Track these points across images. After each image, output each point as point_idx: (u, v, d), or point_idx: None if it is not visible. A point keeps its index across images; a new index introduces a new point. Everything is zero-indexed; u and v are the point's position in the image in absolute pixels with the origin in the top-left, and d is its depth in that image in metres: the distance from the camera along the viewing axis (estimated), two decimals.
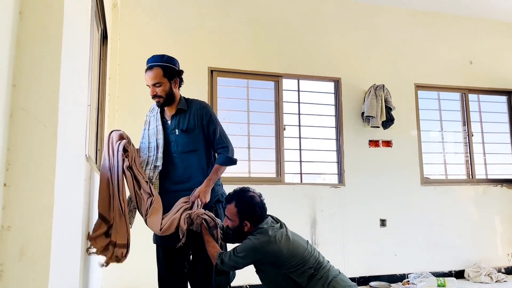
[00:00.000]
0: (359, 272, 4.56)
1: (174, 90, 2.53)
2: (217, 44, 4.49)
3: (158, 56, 2.52)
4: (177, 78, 2.55)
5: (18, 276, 1.02)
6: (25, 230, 1.03)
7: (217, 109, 4.41)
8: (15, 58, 1.07)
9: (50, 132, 1.09)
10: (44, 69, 1.10)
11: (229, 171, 4.41)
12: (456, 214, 5.00)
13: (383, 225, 4.74)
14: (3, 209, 1.02)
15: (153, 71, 2.47)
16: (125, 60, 4.10)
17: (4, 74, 1.01)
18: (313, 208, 4.53)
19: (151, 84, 2.48)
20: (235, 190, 2.49)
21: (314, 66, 4.80)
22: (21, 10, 1.09)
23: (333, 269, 2.43)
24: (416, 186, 4.94)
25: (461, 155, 5.38)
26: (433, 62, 5.27)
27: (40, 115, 1.08)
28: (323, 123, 4.89)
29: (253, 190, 2.49)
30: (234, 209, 2.38)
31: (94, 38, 2.85)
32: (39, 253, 1.04)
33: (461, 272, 4.88)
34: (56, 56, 1.12)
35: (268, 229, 2.34)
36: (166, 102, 2.52)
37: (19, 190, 1.04)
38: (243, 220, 2.38)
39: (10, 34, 1.04)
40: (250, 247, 2.28)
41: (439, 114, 5.37)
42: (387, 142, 4.93)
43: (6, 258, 1.02)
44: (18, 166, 1.04)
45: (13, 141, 1.04)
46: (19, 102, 1.06)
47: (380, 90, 4.73)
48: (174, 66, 2.53)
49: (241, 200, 2.40)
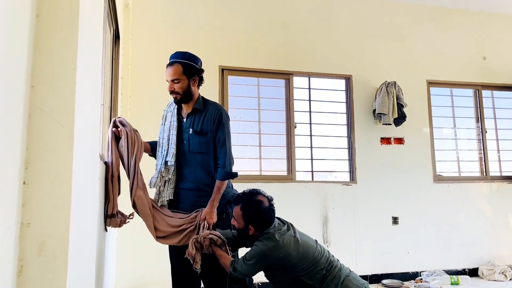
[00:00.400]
0: (371, 270, 4.55)
1: (192, 88, 2.52)
2: (228, 43, 4.51)
3: (181, 52, 2.53)
4: (196, 76, 2.53)
5: (37, 272, 1.05)
6: (44, 227, 1.07)
7: (228, 107, 4.43)
8: (33, 60, 1.10)
9: (67, 132, 1.12)
10: (60, 70, 1.13)
11: (240, 169, 4.45)
12: (470, 212, 4.96)
13: (395, 223, 4.72)
14: (22, 207, 1.05)
15: (173, 67, 2.47)
16: (137, 59, 4.14)
17: (23, 76, 1.04)
18: (324, 206, 4.53)
19: (169, 80, 2.48)
20: (244, 192, 2.44)
21: (325, 64, 4.80)
22: (38, 13, 1.12)
23: (344, 267, 2.39)
24: (428, 183, 4.91)
25: (475, 152, 5.32)
26: (446, 58, 5.22)
27: (57, 115, 1.11)
28: (334, 120, 4.88)
29: (263, 193, 2.43)
30: (239, 211, 2.35)
31: (106, 38, 2.89)
32: (58, 249, 1.07)
33: (475, 270, 4.83)
34: (72, 57, 1.15)
35: (274, 233, 2.29)
36: (183, 99, 2.51)
37: (38, 188, 1.07)
38: (247, 224, 2.33)
39: (28, 37, 1.07)
40: (259, 254, 2.24)
41: (452, 110, 5.32)
42: (399, 140, 4.90)
43: (26, 254, 1.05)
44: (36, 165, 1.08)
45: (32, 140, 1.08)
46: (37, 102, 1.09)
47: (392, 87, 4.71)
48: (195, 64, 2.52)
49: (247, 203, 2.36)
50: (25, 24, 1.05)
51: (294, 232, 2.39)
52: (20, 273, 1.04)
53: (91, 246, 1.66)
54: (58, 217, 1.08)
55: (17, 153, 1.01)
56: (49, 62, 1.12)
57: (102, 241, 2.23)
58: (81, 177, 1.28)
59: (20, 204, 1.05)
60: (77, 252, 1.23)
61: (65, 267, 1.08)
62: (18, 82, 1.01)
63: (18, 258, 1.04)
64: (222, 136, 2.50)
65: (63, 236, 1.08)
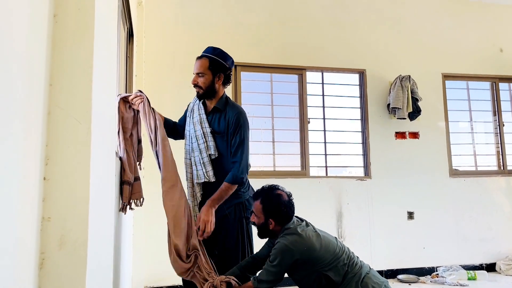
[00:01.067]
0: (386, 265, 4.53)
1: (216, 85, 2.46)
2: (241, 39, 4.53)
3: (212, 47, 2.50)
4: (222, 74, 2.47)
5: (58, 264, 1.09)
6: (64, 221, 1.10)
7: (241, 103, 4.45)
8: (51, 59, 1.13)
9: (85, 129, 1.16)
10: (77, 69, 1.16)
11: (254, 165, 4.46)
12: (487, 206, 4.90)
13: (411, 218, 4.69)
14: (43, 201, 1.09)
15: (200, 60, 2.46)
16: (150, 57, 4.19)
17: (42, 74, 1.07)
18: (339, 201, 4.52)
19: (195, 73, 2.46)
20: (264, 186, 2.45)
21: (338, 58, 4.77)
22: (55, 13, 1.15)
23: (364, 265, 2.38)
24: (444, 178, 4.86)
25: (492, 146, 5.24)
26: (461, 51, 5.14)
27: (75, 113, 1.14)
28: (348, 115, 4.87)
29: (282, 189, 2.44)
30: (259, 205, 2.35)
31: (120, 36, 2.93)
32: (78, 242, 1.10)
33: (492, 265, 4.78)
34: (88, 56, 1.18)
35: (296, 227, 2.31)
36: (205, 94, 2.47)
37: (57, 183, 1.11)
38: (268, 217, 2.33)
39: (46, 37, 1.10)
40: (283, 249, 2.22)
41: (468, 104, 5.24)
42: (414, 134, 4.86)
43: (47, 247, 1.09)
44: (56, 161, 1.11)
45: (51, 137, 1.11)
46: (55, 100, 1.12)
47: (406, 81, 4.66)
48: (223, 61, 2.46)
49: (267, 197, 2.36)
50: (43, 24, 1.08)
51: (314, 228, 2.40)
52: (42, 265, 1.08)
53: (109, 240, 1.70)
54: (77, 211, 1.12)
55: (37, 150, 1.05)
56: (66, 61, 1.16)
57: (119, 236, 2.28)
58: (99, 173, 1.31)
59: (41, 199, 1.08)
60: (96, 245, 1.27)
61: (85, 260, 1.11)
62: (37, 80, 1.04)
63: (39, 251, 1.08)
64: (238, 139, 2.42)
65: (82, 229, 1.12)
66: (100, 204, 1.37)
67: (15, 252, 0.91)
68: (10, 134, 0.85)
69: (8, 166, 0.85)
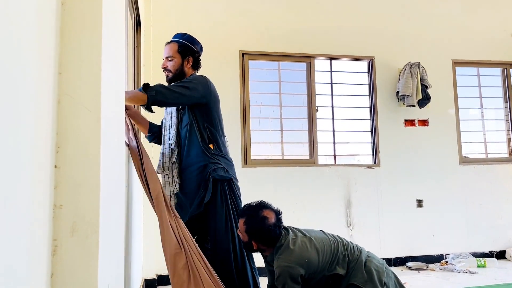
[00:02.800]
0: (395, 253, 4.54)
1: (185, 68, 2.51)
2: (248, 27, 4.50)
3: (181, 33, 2.57)
4: (191, 57, 2.52)
5: (71, 250, 1.11)
6: (75, 208, 1.11)
7: (249, 92, 4.44)
8: (60, 48, 1.13)
9: (94, 117, 1.16)
10: (86, 57, 1.16)
11: (262, 154, 4.48)
12: (497, 194, 4.86)
13: (420, 206, 4.67)
14: (55, 189, 1.10)
15: (169, 45, 2.52)
16: (158, 46, 4.18)
17: (51, 63, 1.07)
18: (347, 190, 4.52)
19: (164, 57, 2.52)
20: (250, 204, 2.34)
21: (347, 46, 4.73)
22: (63, 1, 1.15)
23: (362, 248, 2.36)
24: (454, 165, 4.82)
25: (503, 133, 5.18)
26: (472, 37, 5.06)
27: (84, 101, 1.15)
28: (357, 103, 4.83)
29: (270, 206, 2.34)
30: (243, 226, 2.28)
31: (128, 26, 2.93)
32: (89, 229, 1.12)
33: (502, 252, 4.76)
34: (97, 45, 1.18)
35: (288, 243, 2.23)
36: (174, 78, 2.50)
37: (69, 171, 1.12)
38: (251, 239, 2.27)
39: (55, 25, 1.10)
40: (284, 272, 2.15)
41: (478, 91, 5.17)
42: (423, 121, 4.82)
43: (59, 234, 1.10)
44: (66, 149, 1.12)
45: (61, 125, 1.12)
46: (65, 89, 1.13)
47: (416, 68, 4.61)
48: (191, 45, 2.52)
49: (251, 219, 2.27)
50: (52, 13, 1.08)
51: (302, 232, 2.34)
52: (55, 252, 1.10)
53: (120, 227, 1.72)
54: (88, 198, 1.13)
55: (48, 138, 1.06)
56: (75, 49, 1.16)
57: (129, 223, 2.31)
58: (109, 161, 1.32)
59: (53, 186, 1.10)
60: (107, 232, 1.29)
61: (97, 246, 1.13)
62: (47, 69, 1.04)
63: (52, 238, 1.09)
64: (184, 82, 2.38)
65: (94, 217, 1.13)
66: (111, 192, 1.38)
67: (29, 239, 0.92)
68: (21, 123, 0.86)
69: (20, 155, 0.86)
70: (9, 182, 0.80)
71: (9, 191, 0.80)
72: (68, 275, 1.10)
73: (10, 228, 0.81)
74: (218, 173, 2.37)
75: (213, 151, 2.41)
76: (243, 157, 4.32)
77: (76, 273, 1.11)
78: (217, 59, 4.31)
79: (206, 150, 2.39)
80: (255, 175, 4.27)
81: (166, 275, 3.94)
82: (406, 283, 3.79)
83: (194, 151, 2.40)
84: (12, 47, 0.81)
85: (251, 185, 4.02)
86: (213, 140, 2.43)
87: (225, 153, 2.50)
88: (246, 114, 4.40)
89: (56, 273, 1.09)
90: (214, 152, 2.41)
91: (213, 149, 2.42)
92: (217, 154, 2.42)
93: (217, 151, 2.43)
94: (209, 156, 2.38)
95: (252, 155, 4.39)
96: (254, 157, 4.41)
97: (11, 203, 0.81)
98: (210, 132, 2.43)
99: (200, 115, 2.43)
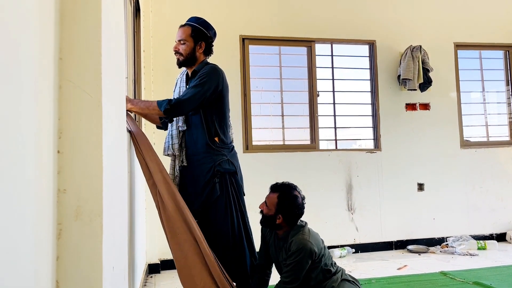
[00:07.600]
0: (396, 236, 4.58)
1: (197, 53, 2.50)
2: (248, 11, 4.46)
3: (195, 17, 2.55)
4: (204, 42, 2.50)
5: (75, 234, 1.12)
6: (79, 193, 1.13)
7: (249, 77, 4.42)
8: (60, 33, 1.13)
9: (95, 102, 1.17)
10: (86, 42, 1.16)
11: (263, 139, 4.48)
12: (498, 177, 4.88)
13: (421, 189, 4.69)
14: (58, 174, 1.11)
15: (183, 28, 2.50)
16: (158, 32, 4.15)
17: (52, 49, 1.07)
18: (349, 174, 4.54)
19: (177, 40, 2.50)
20: (284, 182, 2.46)
21: (348, 29, 4.69)
22: None
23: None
24: (455, 149, 4.83)
25: (504, 116, 5.17)
26: (474, 19, 5.01)
27: (85, 86, 1.15)
28: (358, 87, 4.82)
29: (299, 190, 2.47)
30: (275, 199, 2.37)
31: (127, 11, 2.91)
32: (93, 213, 1.13)
33: (502, 235, 4.80)
34: (97, 30, 1.18)
35: (306, 225, 2.42)
36: (185, 62, 2.50)
37: (71, 156, 1.13)
38: (278, 213, 2.36)
39: (54, 11, 1.10)
40: (307, 246, 2.27)
41: (480, 74, 5.15)
42: (424, 105, 4.81)
43: (64, 218, 1.12)
44: (69, 134, 1.13)
45: (63, 111, 1.13)
46: (66, 74, 1.13)
47: (417, 51, 4.58)
48: (205, 30, 2.51)
49: (285, 194, 2.38)
50: None
51: None
52: (60, 236, 1.11)
53: (123, 211, 1.74)
54: (91, 183, 1.14)
55: (50, 124, 1.06)
56: (75, 34, 1.16)
57: (132, 208, 2.33)
58: (111, 145, 1.33)
59: (56, 171, 1.11)
60: (111, 216, 1.30)
61: (101, 230, 1.15)
62: (47, 54, 1.04)
63: (57, 222, 1.11)
64: (195, 83, 2.38)
65: (97, 201, 1.15)
66: (114, 176, 1.39)
67: (34, 223, 0.93)
68: (23, 109, 0.87)
69: (23, 141, 0.86)
70: (13, 168, 0.81)
71: (13, 177, 0.81)
72: (73, 258, 1.12)
73: (15, 214, 0.82)
74: (223, 166, 2.42)
75: (218, 144, 2.45)
76: (244, 142, 4.33)
77: (81, 256, 1.13)
78: (217, 44, 4.21)
79: (211, 143, 2.42)
80: (256, 160, 4.29)
81: (169, 259, 3.99)
82: (406, 265, 3.84)
83: (200, 141, 2.42)
84: (13, 33, 0.81)
85: (252, 171, 4.03)
86: (219, 133, 2.45)
87: (229, 143, 2.53)
88: (247, 99, 4.39)
89: (62, 256, 1.11)
90: (219, 145, 2.45)
91: (218, 142, 2.45)
92: (221, 146, 2.46)
93: (221, 144, 2.47)
94: (214, 149, 2.42)
95: (253, 141, 4.40)
96: (255, 142, 4.41)
97: (16, 189, 0.82)
98: (218, 124, 2.45)
99: (209, 105, 2.43)
